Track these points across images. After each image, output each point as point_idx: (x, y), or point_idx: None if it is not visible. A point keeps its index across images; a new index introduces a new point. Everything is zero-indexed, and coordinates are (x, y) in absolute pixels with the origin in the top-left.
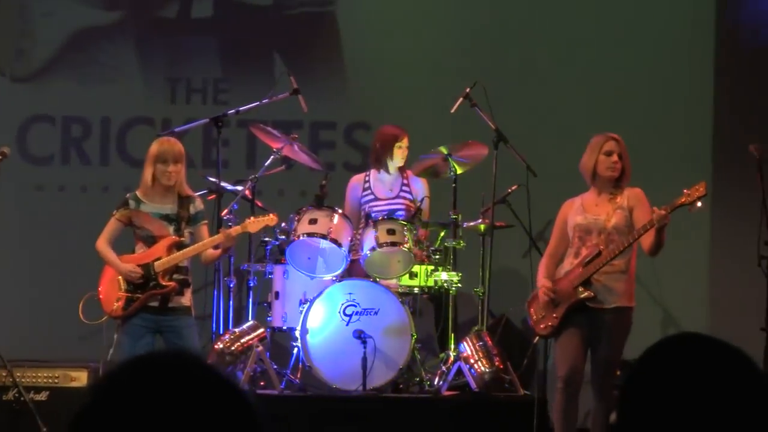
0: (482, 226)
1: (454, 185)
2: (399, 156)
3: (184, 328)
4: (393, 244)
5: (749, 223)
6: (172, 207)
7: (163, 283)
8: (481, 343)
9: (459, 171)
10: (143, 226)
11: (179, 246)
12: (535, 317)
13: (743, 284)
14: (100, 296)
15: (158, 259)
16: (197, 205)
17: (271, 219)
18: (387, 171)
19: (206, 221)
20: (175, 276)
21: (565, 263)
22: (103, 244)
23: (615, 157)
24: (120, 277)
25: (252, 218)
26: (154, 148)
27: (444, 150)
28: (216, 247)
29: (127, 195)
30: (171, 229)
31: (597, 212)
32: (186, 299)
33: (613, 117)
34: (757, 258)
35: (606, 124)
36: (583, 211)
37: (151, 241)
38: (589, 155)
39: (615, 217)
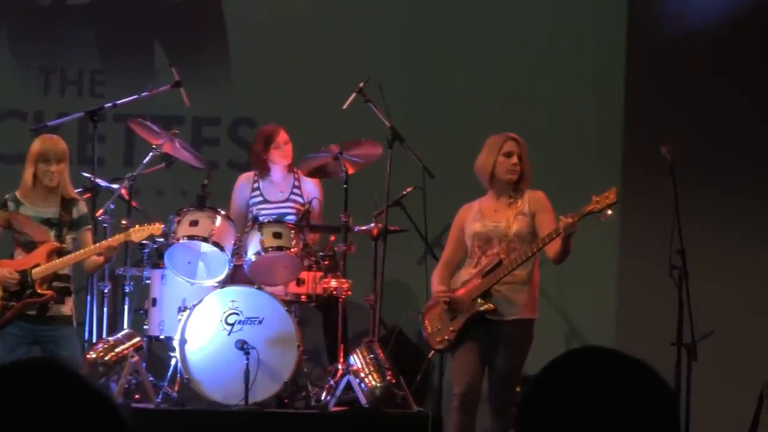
0: (375, 230)
1: (345, 186)
2: (277, 156)
3: (63, 339)
4: (279, 248)
5: (660, 230)
6: (54, 210)
7: (41, 292)
8: (372, 355)
9: (350, 171)
10: (23, 231)
11: (60, 252)
12: (430, 329)
13: (653, 295)
14: None
15: (37, 265)
16: (81, 209)
17: (156, 228)
18: (269, 174)
19: (90, 226)
20: (54, 284)
21: (462, 272)
22: None
23: (515, 159)
24: None
25: (136, 226)
26: (36, 146)
27: (334, 148)
28: (99, 254)
29: (6, 196)
30: (52, 234)
31: (497, 219)
32: (66, 308)
33: (517, 116)
34: (668, 267)
35: (510, 123)
36: (482, 218)
37: (30, 246)
38: (486, 156)
39: (516, 224)
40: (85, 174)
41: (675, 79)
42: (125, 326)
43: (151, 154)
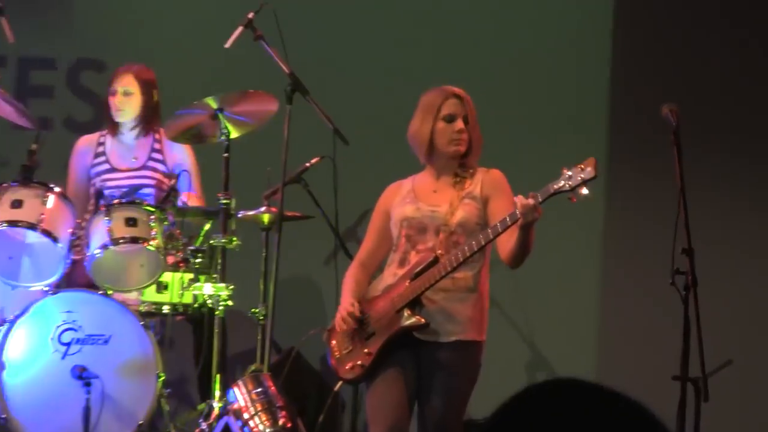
0: (266, 217)
1: (226, 155)
2: (114, 104)
3: None
4: (134, 240)
5: (658, 220)
6: None
7: None
8: (260, 389)
9: (234, 134)
10: None
11: None
12: (338, 353)
13: (649, 310)
14: None
15: None
16: None
17: None
18: (118, 134)
19: None
20: None
21: (385, 274)
22: None
23: (459, 124)
24: None
25: None
26: None
27: (212, 103)
28: None
29: None
30: None
31: (436, 201)
32: None
33: (469, 63)
34: (670, 272)
35: (458, 73)
36: (415, 200)
37: None
38: (420, 121)
39: (462, 210)
40: None
41: (673, 25)
42: None
43: None
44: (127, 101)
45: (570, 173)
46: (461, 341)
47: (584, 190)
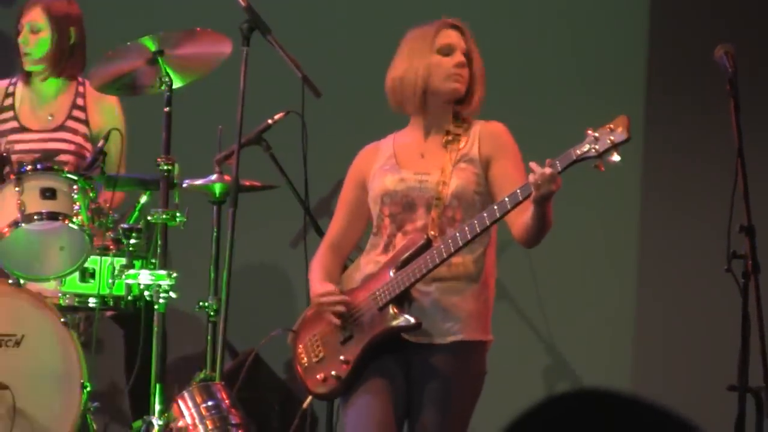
0: (218, 187)
1: (167, 109)
2: (27, 46)
3: None
4: (52, 216)
5: (709, 191)
6: None
7: None
8: (211, 402)
9: (177, 83)
10: None
11: None
12: (306, 361)
13: (698, 303)
14: None
15: None
16: None
17: None
18: (31, 83)
19: None
20: None
21: (363, 261)
22: None
23: (459, 56)
24: None
25: None
26: None
27: (150, 44)
28: None
29: None
30: None
31: (424, 168)
32: None
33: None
34: (726, 256)
35: (461, 13)
36: (397, 168)
37: None
38: (410, 58)
39: (457, 177)
40: None
41: None
42: None
43: None
44: (34, 40)
45: (597, 135)
46: (461, 342)
47: (615, 157)
